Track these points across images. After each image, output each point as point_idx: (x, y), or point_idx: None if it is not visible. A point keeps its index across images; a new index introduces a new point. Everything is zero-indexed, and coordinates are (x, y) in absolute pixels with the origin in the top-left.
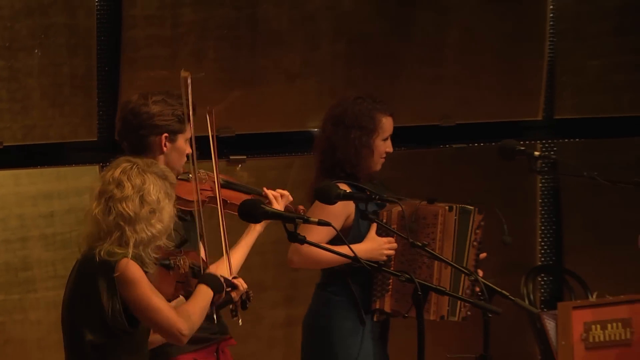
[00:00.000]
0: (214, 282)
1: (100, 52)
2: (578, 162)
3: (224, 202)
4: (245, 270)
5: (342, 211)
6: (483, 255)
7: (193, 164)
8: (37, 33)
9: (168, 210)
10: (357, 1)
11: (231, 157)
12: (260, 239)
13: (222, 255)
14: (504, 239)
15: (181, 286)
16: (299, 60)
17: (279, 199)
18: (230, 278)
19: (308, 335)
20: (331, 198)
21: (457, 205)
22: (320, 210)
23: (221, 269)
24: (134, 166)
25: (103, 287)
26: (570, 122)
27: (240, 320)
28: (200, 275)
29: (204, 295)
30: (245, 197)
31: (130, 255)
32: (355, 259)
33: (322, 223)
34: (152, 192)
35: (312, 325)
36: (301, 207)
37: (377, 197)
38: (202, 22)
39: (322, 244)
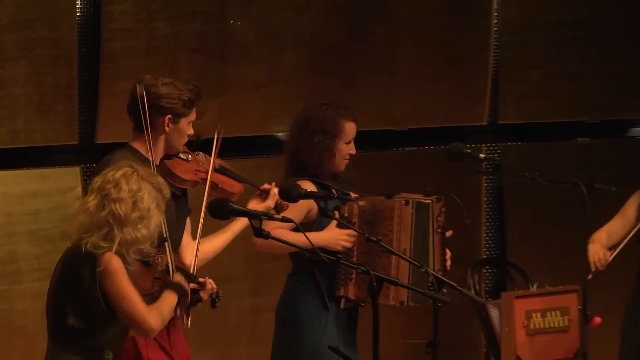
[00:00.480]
0: (179, 289)
1: (81, 62)
2: (520, 163)
3: (216, 185)
4: (215, 262)
5: (305, 205)
6: (449, 233)
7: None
8: (23, 45)
9: (155, 220)
10: (317, 16)
11: (207, 156)
12: (234, 241)
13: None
14: (464, 222)
15: (158, 282)
16: (264, 70)
17: (274, 196)
18: (194, 264)
19: (278, 321)
20: (293, 197)
21: (414, 200)
22: (287, 203)
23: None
24: (135, 172)
25: (86, 276)
26: (512, 126)
27: (189, 323)
28: (167, 282)
29: (170, 299)
30: (237, 184)
31: (114, 250)
32: (312, 251)
33: (285, 220)
34: (146, 200)
35: (280, 312)
36: (285, 203)
37: (336, 195)
38: (174, 35)
39: (283, 237)
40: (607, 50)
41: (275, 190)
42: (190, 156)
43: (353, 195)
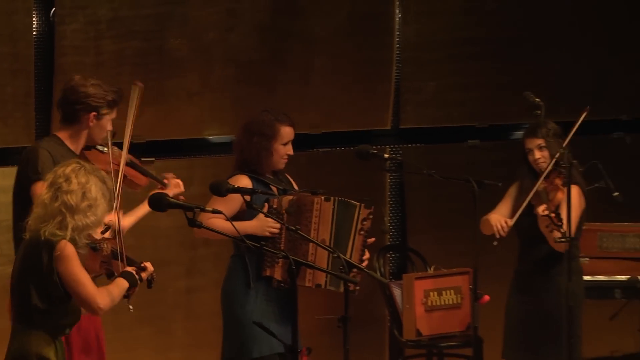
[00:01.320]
0: (131, 278)
1: (37, 75)
2: (419, 162)
3: (124, 176)
4: (153, 249)
5: (239, 198)
6: (371, 240)
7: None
8: None
9: (102, 208)
10: (243, 35)
11: (142, 159)
12: (167, 224)
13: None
14: (382, 229)
15: (104, 265)
16: (197, 81)
17: (178, 186)
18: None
19: (221, 298)
20: (222, 192)
21: (336, 198)
22: (217, 197)
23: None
24: (82, 167)
25: (45, 261)
26: (412, 130)
27: (130, 306)
28: (122, 272)
29: (121, 286)
30: (143, 177)
31: (68, 238)
32: (239, 238)
33: (215, 212)
34: (93, 191)
35: (222, 290)
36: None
37: (261, 190)
38: (119, 51)
39: (217, 226)
40: (493, 65)
41: (177, 181)
42: (106, 149)
43: (290, 192)
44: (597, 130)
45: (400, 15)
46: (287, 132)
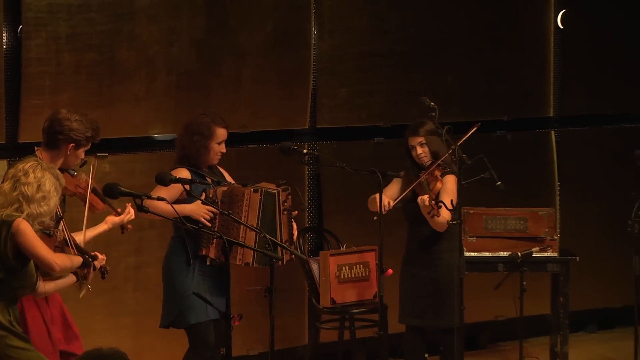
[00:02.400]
0: (85, 259)
1: (7, 82)
2: (333, 156)
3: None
4: (108, 231)
5: (179, 187)
6: (295, 213)
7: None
8: None
9: (54, 200)
10: (182, 48)
11: (97, 154)
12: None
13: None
14: (301, 207)
15: (58, 250)
16: (143, 88)
17: (129, 213)
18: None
19: (162, 272)
20: (166, 181)
21: (263, 189)
22: (160, 187)
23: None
24: (39, 164)
25: (4, 237)
26: (327, 130)
27: (84, 291)
28: (78, 248)
29: (76, 258)
30: (101, 203)
31: (23, 217)
32: (179, 220)
33: (160, 199)
34: (47, 185)
35: (163, 265)
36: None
37: (198, 181)
38: (76, 62)
39: (160, 210)
40: (394, 74)
41: (128, 209)
42: (76, 173)
43: (223, 183)
44: (483, 129)
45: (316, 32)
46: (221, 132)
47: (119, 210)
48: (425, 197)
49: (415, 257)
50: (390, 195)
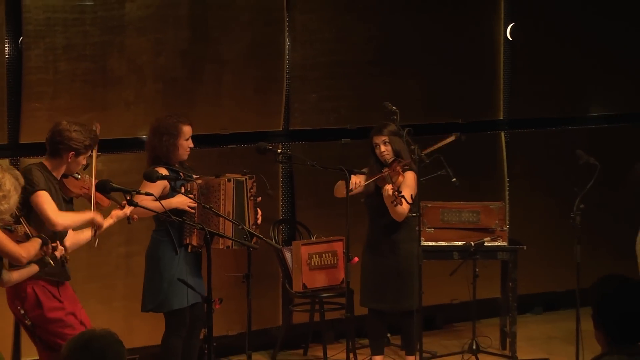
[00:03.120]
0: (43, 239)
1: (9, 89)
2: (304, 156)
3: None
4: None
5: (162, 183)
6: (259, 199)
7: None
8: None
9: (14, 198)
10: (169, 58)
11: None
12: (111, 206)
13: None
14: (267, 192)
15: (20, 243)
16: (133, 94)
17: (130, 209)
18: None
19: (147, 262)
20: (153, 178)
21: (234, 178)
22: (148, 183)
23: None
24: (0, 166)
25: None
26: (299, 131)
27: (51, 262)
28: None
29: (35, 242)
30: (106, 200)
31: None
32: (166, 213)
33: (147, 194)
34: (7, 185)
35: (148, 255)
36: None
37: (183, 176)
38: (72, 71)
39: (148, 206)
40: (359, 81)
41: (127, 210)
42: (79, 176)
43: (195, 176)
44: (441, 131)
45: (289, 44)
46: (187, 129)
47: (124, 203)
48: (389, 187)
49: (377, 246)
50: (356, 181)
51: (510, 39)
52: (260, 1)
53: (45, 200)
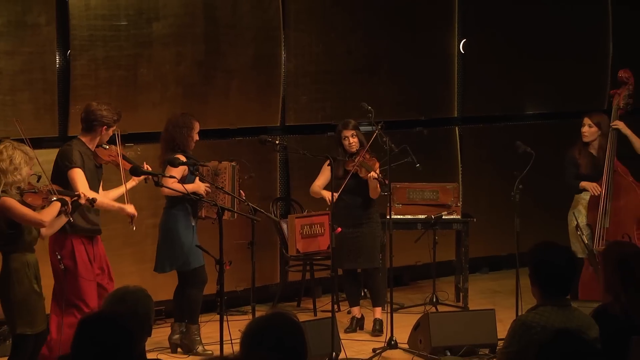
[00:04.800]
0: (61, 200)
1: (59, 92)
2: (297, 146)
3: (118, 164)
4: (133, 200)
5: (182, 168)
6: (241, 180)
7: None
8: (27, 83)
9: (26, 170)
10: (187, 67)
11: (125, 144)
12: (141, 187)
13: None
14: (250, 175)
15: (45, 200)
16: (158, 96)
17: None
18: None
19: (163, 232)
20: (175, 164)
21: (230, 164)
22: (172, 168)
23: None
24: (10, 144)
25: None
26: (293, 126)
27: (68, 219)
28: (61, 193)
29: (55, 205)
30: (129, 164)
31: (4, 194)
32: (188, 194)
33: (171, 177)
34: (17, 159)
35: (165, 227)
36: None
37: (200, 162)
38: (109, 77)
39: (173, 187)
40: (342, 86)
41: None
42: (107, 147)
43: (209, 161)
44: (407, 126)
45: (284, 56)
46: (197, 125)
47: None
48: (373, 173)
49: (352, 219)
50: (321, 184)
51: (463, 52)
52: (261, 22)
53: (78, 178)
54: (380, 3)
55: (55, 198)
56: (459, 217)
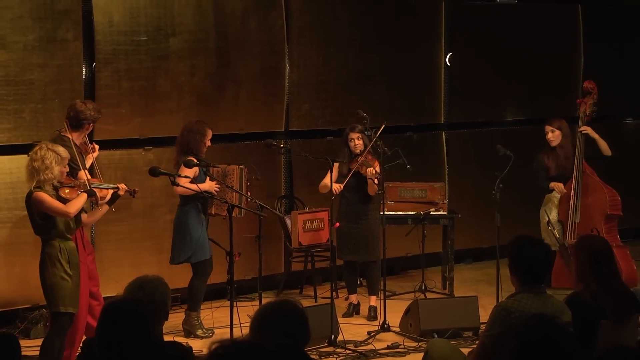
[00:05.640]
0: (89, 192)
1: (85, 97)
2: (300, 149)
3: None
4: (152, 197)
5: (195, 169)
6: (248, 183)
7: None
8: (57, 92)
9: (57, 169)
10: (200, 78)
11: (145, 148)
12: (159, 185)
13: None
14: (257, 177)
15: (79, 191)
16: (175, 104)
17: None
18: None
19: (176, 227)
20: (191, 166)
21: (239, 167)
22: (186, 169)
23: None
24: (45, 146)
25: (28, 203)
26: (296, 131)
27: (100, 208)
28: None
29: (82, 196)
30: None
31: (38, 189)
32: (201, 192)
33: (186, 177)
34: (49, 159)
35: (177, 222)
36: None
37: (211, 164)
38: (130, 88)
39: (186, 184)
40: (340, 95)
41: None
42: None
43: (212, 164)
44: (399, 131)
45: (288, 68)
46: (210, 133)
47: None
48: (372, 169)
49: (352, 214)
50: (335, 179)
51: (449, 64)
52: (267, 37)
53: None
54: (374, 20)
55: (81, 191)
56: (445, 213)
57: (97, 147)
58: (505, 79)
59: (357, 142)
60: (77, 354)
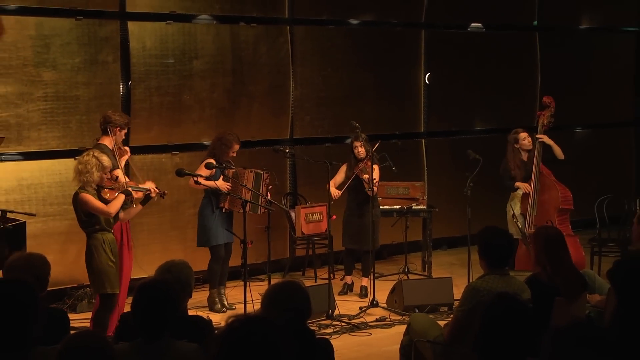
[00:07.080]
0: (126, 193)
1: (122, 111)
2: (304, 154)
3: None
4: (178, 194)
5: (212, 170)
6: (270, 187)
7: None
8: (100, 107)
9: (97, 174)
10: (218, 94)
11: (173, 152)
12: (184, 183)
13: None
14: (275, 183)
15: (119, 192)
16: (197, 116)
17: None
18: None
19: (198, 217)
20: (211, 167)
21: (254, 170)
22: (206, 169)
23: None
24: (92, 153)
25: (75, 202)
26: (301, 139)
27: (135, 206)
28: (133, 188)
29: (120, 197)
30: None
31: (83, 190)
32: (216, 188)
33: (199, 175)
34: (90, 164)
35: (199, 212)
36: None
37: (228, 167)
38: (159, 103)
39: (204, 183)
40: (338, 108)
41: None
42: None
43: (231, 167)
44: (386, 139)
45: (293, 85)
46: (237, 146)
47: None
48: (367, 175)
49: (355, 210)
50: (338, 181)
51: (427, 83)
52: (275, 60)
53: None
54: (365, 45)
55: (119, 192)
56: (424, 207)
57: (128, 149)
58: (476, 95)
59: (360, 149)
60: (116, 325)
